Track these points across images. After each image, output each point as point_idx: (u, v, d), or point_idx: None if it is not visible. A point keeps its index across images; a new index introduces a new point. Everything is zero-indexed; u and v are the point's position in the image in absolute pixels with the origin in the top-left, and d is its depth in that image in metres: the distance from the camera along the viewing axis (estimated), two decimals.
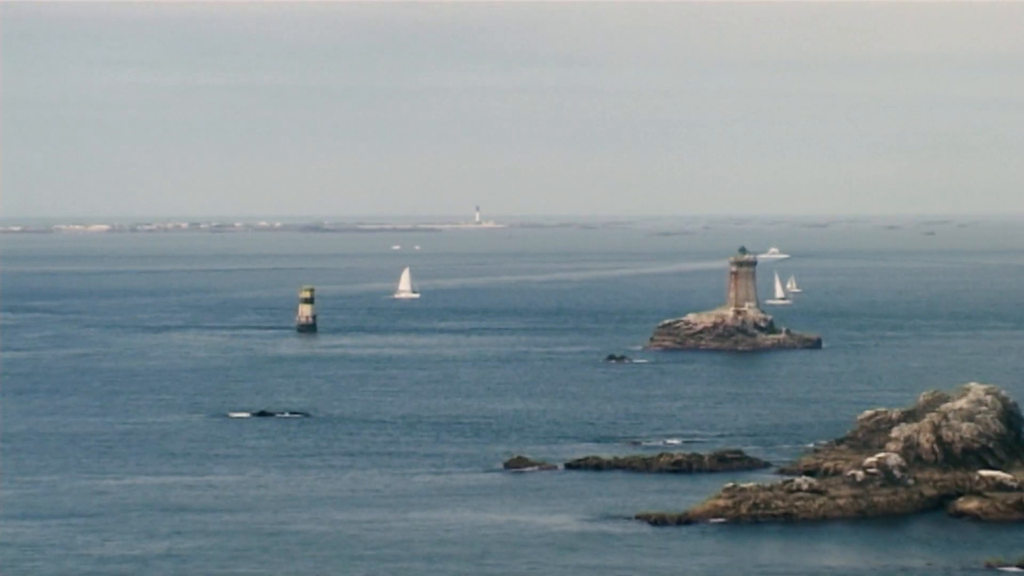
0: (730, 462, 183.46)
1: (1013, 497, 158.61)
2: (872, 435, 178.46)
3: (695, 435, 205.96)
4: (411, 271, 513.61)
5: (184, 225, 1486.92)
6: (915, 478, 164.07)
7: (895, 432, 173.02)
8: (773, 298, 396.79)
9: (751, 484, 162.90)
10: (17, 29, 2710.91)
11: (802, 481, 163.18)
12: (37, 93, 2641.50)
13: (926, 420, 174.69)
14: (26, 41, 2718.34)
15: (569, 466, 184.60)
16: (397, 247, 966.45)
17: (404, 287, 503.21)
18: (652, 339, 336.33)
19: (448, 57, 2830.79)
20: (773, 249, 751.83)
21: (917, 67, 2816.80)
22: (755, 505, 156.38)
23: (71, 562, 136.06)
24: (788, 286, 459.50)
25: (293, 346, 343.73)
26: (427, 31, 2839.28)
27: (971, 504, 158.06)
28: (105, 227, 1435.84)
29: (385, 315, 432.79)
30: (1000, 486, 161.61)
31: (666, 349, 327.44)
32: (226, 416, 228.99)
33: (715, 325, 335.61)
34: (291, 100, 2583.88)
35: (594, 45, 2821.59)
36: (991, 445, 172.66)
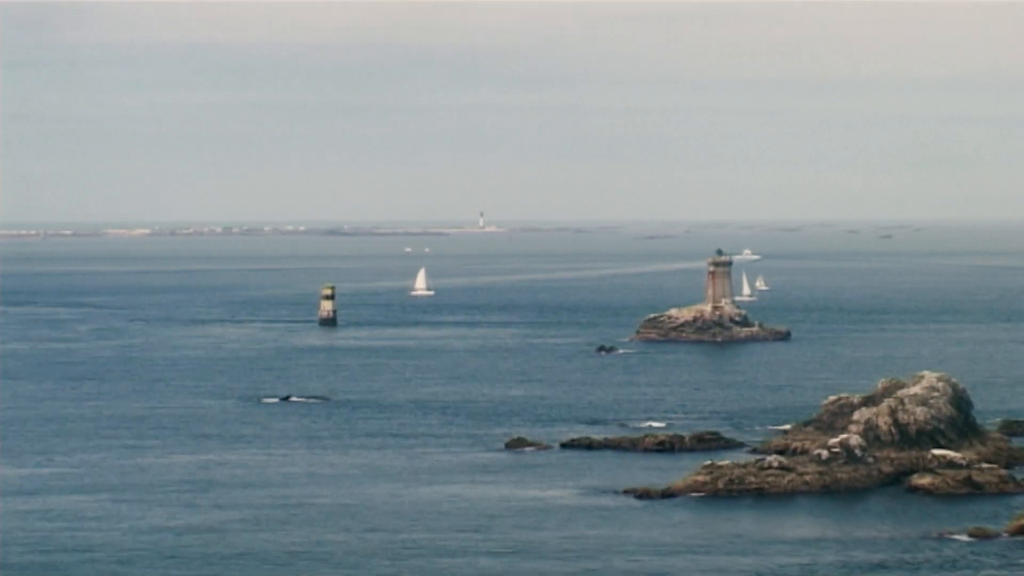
0: (708, 442, 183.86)
1: (962, 474, 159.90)
2: (836, 418, 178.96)
3: (676, 418, 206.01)
4: (425, 271, 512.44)
5: (218, 229, 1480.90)
6: (874, 457, 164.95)
7: (856, 415, 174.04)
8: (740, 295, 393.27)
9: (727, 462, 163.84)
10: (68, 56, 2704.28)
11: (772, 459, 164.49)
12: (84, 112, 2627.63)
13: (884, 404, 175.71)
14: (75, 67, 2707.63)
15: (564, 445, 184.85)
16: (409, 249, 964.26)
17: (420, 285, 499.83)
18: (638, 332, 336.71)
19: (455, 78, 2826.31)
20: (747, 251, 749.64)
21: (875, 86, 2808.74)
22: (730, 481, 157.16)
23: (117, 532, 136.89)
24: (757, 284, 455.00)
25: (316, 338, 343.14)
26: (436, 55, 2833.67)
27: (924, 480, 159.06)
28: (147, 231, 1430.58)
29: (401, 310, 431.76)
30: (951, 464, 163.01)
31: (650, 341, 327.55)
32: (256, 401, 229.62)
33: (695, 319, 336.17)
34: (313, 117, 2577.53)
35: (586, 68, 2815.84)
36: (942, 427, 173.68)
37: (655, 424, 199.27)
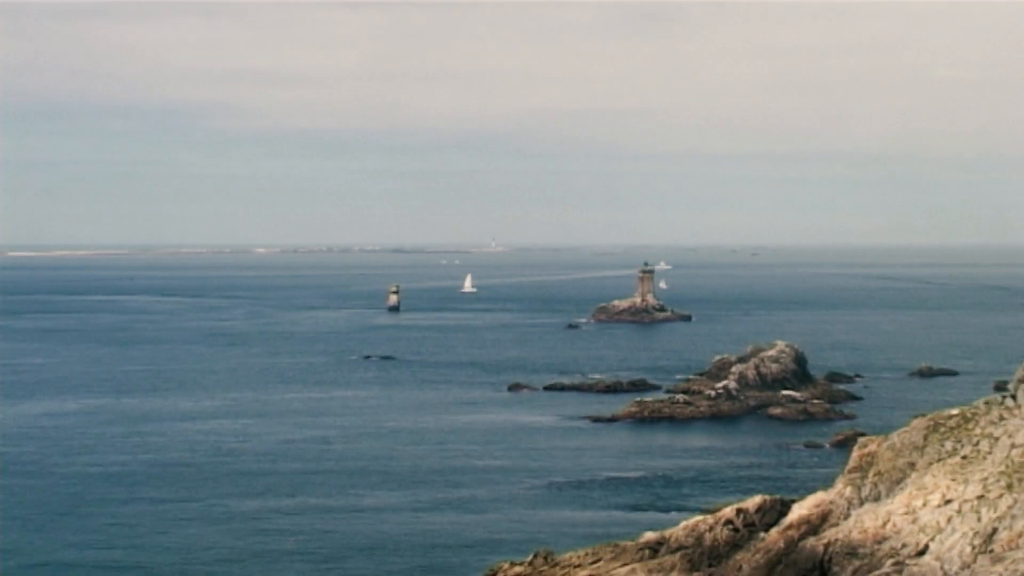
0: (638, 386, 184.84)
1: (801, 407, 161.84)
2: (720, 370, 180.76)
3: (618, 370, 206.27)
4: (460, 275, 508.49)
5: (323, 249, 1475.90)
6: (744, 395, 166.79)
7: (733, 369, 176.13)
8: (657, 291, 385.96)
9: (650, 398, 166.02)
10: (220, 138, 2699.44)
11: (679, 397, 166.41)
12: (237, 171, 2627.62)
13: (751, 361, 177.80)
14: (226, 145, 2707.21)
15: (546, 388, 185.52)
16: (444, 262, 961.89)
17: (468, 285, 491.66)
18: (593, 315, 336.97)
19: (475, 152, 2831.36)
20: (662, 262, 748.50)
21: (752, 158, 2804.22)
22: (653, 411, 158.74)
23: (257, 443, 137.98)
24: (660, 285, 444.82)
25: (385, 319, 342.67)
26: (466, 137, 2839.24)
27: (776, 410, 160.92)
28: (277, 250, 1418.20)
29: (441, 301, 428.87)
30: (793, 400, 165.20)
31: (601, 321, 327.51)
32: (347, 359, 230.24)
33: (630, 307, 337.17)
34: (384, 177, 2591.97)
35: (561, 144, 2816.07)
36: (788, 376, 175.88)
37: (604, 375, 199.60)
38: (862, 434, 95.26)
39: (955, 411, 77.62)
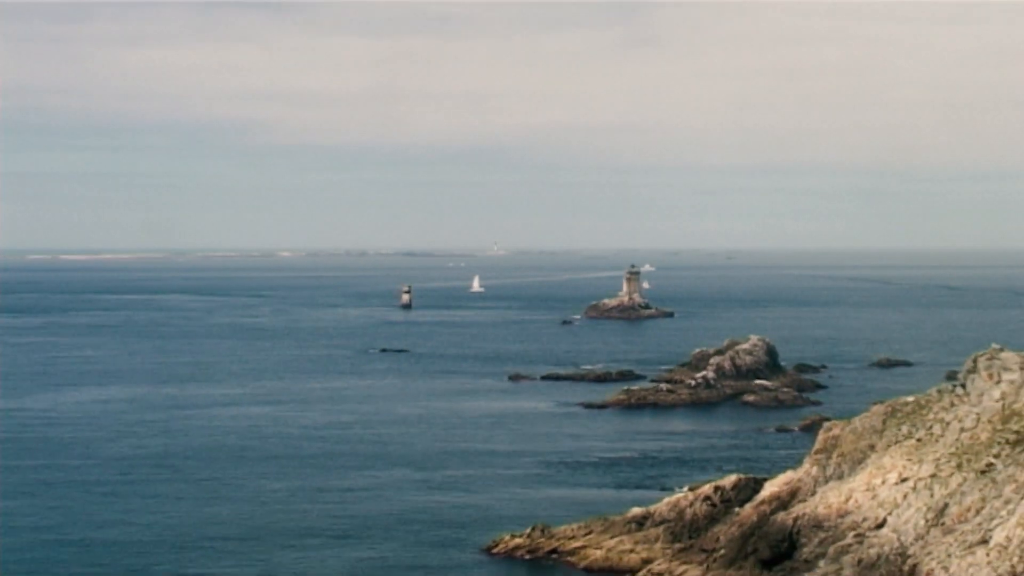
0: (626, 375, 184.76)
1: (772, 394, 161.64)
2: (700, 361, 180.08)
3: (608, 361, 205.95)
4: (465, 276, 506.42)
5: (342, 252, 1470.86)
6: (721, 384, 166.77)
7: (712, 360, 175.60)
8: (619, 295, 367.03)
9: (637, 387, 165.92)
10: (260, 152, 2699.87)
11: (663, 386, 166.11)
12: (275, 182, 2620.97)
13: (727, 353, 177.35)
14: (264, 158, 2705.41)
15: (543, 377, 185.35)
16: (451, 264, 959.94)
17: (476, 285, 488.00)
18: (585, 312, 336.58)
19: (483, 166, 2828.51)
20: (647, 265, 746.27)
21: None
22: (639, 398, 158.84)
23: (283, 427, 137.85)
24: (644, 285, 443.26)
25: (398, 316, 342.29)
26: (468, 151, 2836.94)
27: (750, 398, 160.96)
28: (302, 253, 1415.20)
29: (453, 300, 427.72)
30: (765, 388, 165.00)
31: (592, 317, 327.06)
32: (364, 351, 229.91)
33: (618, 304, 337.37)
34: (397, 188, 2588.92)
35: (555, 157, 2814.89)
36: (761, 367, 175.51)
37: (595, 365, 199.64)
38: (827, 419, 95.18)
39: (910, 398, 77.76)
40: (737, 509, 78.02)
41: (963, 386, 74.18)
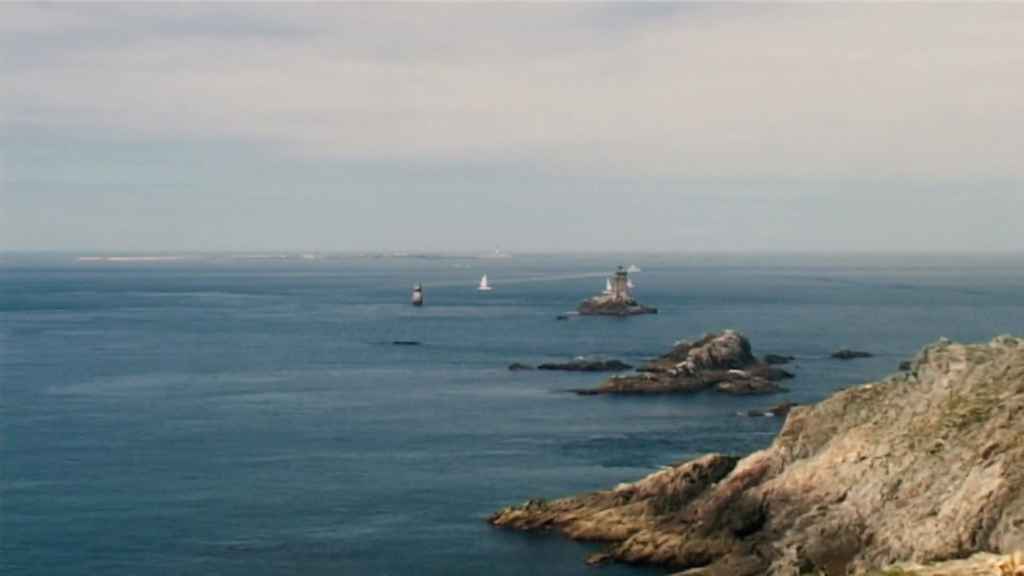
0: (614, 365, 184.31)
1: (745, 382, 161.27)
2: (680, 352, 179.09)
3: (598, 353, 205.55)
4: (471, 276, 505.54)
5: (361, 254, 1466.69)
6: (700, 373, 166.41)
7: (691, 352, 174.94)
8: (602, 293, 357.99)
9: (624, 375, 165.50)
10: (287, 166, 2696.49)
11: (647, 374, 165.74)
12: (311, 193, 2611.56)
13: (705, 345, 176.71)
14: (294, 171, 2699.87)
15: (540, 367, 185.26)
16: (457, 266, 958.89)
17: (484, 284, 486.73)
18: (578, 308, 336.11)
19: (479, 177, 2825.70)
20: (633, 266, 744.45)
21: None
22: (626, 385, 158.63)
23: (304, 411, 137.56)
24: (628, 284, 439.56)
25: (410, 312, 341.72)
26: (470, 165, 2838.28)
27: (726, 386, 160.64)
28: (326, 255, 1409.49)
29: (460, 297, 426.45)
30: (739, 377, 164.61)
31: (585, 314, 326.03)
32: (379, 343, 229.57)
33: (607, 302, 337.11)
34: (409, 197, 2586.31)
35: (549, 170, 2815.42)
36: (735, 358, 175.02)
37: (587, 356, 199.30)
38: (794, 404, 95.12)
39: (868, 386, 77.58)
40: (713, 485, 77.88)
41: (915, 375, 74.01)
